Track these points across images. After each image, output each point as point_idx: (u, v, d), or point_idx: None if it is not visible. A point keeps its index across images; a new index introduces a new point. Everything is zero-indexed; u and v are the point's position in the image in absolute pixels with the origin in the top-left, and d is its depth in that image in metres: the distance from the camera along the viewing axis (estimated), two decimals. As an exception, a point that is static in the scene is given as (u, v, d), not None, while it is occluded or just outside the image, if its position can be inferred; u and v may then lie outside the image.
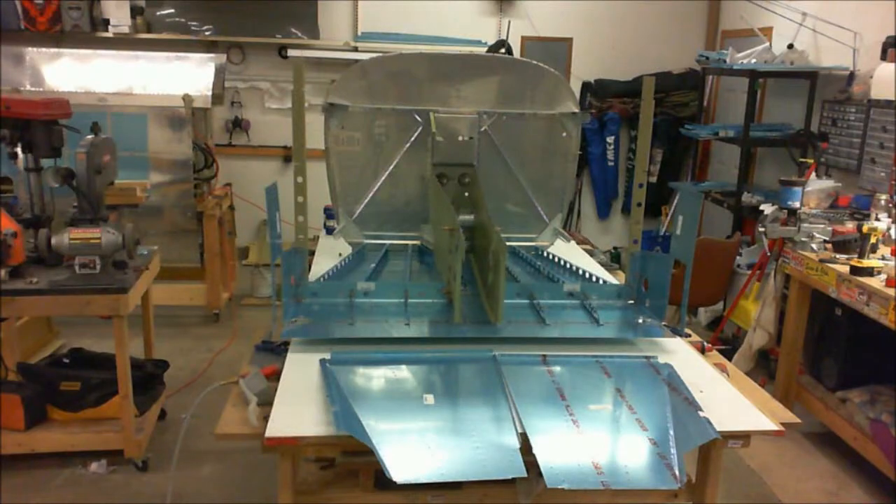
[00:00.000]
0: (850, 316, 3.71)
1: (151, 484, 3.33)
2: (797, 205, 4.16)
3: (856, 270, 3.44)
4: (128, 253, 3.24)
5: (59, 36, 5.87)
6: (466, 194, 3.32)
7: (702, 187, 5.87)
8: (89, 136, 3.30)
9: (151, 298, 3.84)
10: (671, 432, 1.90)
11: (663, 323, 2.52)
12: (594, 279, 2.98)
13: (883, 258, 3.57)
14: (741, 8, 6.02)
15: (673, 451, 1.83)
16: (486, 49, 6.05)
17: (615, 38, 6.65)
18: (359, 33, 6.36)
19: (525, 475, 1.74)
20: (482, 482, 2.10)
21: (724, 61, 5.56)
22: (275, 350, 2.39)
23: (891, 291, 3.20)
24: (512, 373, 2.17)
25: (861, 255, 3.55)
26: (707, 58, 5.93)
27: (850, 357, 3.85)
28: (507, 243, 2.38)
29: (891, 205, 3.87)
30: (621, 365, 2.28)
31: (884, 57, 4.37)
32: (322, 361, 2.18)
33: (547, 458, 1.77)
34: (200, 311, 5.34)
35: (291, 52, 6.19)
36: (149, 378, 3.68)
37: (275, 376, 2.13)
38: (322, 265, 3.08)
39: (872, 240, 3.56)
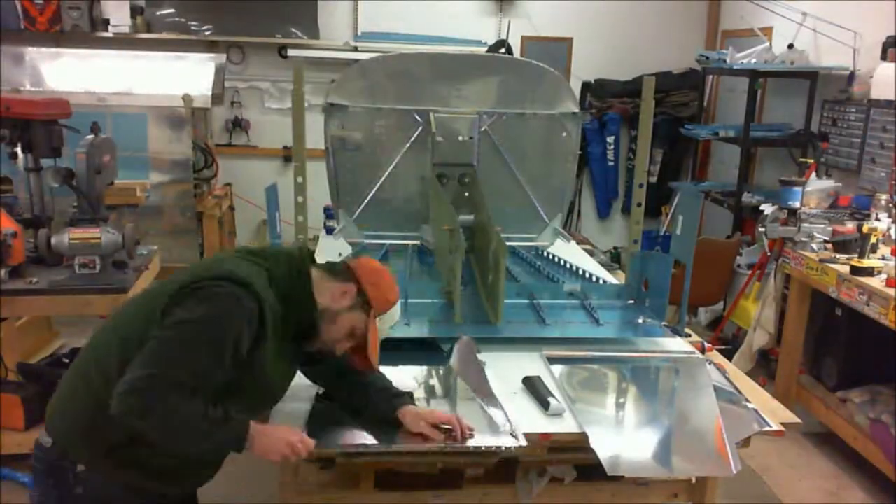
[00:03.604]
0: (850, 316, 3.71)
1: (151, 484, 3.32)
2: (797, 205, 4.16)
3: (856, 270, 3.44)
4: (128, 253, 3.23)
5: (59, 36, 5.85)
6: (466, 194, 3.31)
7: (702, 187, 5.86)
8: (89, 136, 3.30)
9: (151, 298, 3.83)
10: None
11: (663, 323, 2.52)
12: (594, 279, 2.98)
13: (883, 258, 3.56)
14: (741, 8, 6.01)
15: (726, 440, 1.87)
16: (486, 49, 6.04)
17: (615, 38, 6.64)
18: (359, 33, 6.35)
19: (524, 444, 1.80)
20: (482, 482, 2.12)
21: (725, 61, 5.55)
22: (275, 350, 2.38)
23: (891, 291, 3.20)
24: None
25: (861, 255, 3.55)
26: (707, 58, 5.93)
27: (850, 357, 3.85)
28: (507, 243, 2.38)
29: (891, 205, 3.87)
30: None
31: (884, 57, 4.36)
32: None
33: (605, 450, 1.83)
34: (200, 311, 5.33)
35: (291, 52, 6.18)
36: (149, 378, 3.67)
37: (275, 376, 2.12)
38: (322, 265, 3.07)
39: (872, 240, 3.56)
